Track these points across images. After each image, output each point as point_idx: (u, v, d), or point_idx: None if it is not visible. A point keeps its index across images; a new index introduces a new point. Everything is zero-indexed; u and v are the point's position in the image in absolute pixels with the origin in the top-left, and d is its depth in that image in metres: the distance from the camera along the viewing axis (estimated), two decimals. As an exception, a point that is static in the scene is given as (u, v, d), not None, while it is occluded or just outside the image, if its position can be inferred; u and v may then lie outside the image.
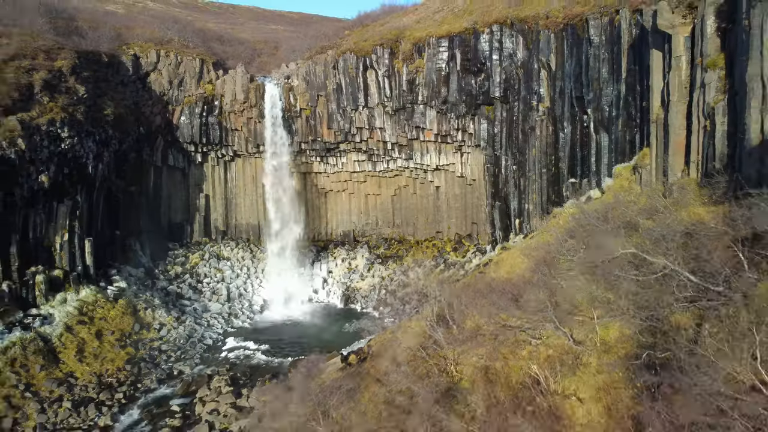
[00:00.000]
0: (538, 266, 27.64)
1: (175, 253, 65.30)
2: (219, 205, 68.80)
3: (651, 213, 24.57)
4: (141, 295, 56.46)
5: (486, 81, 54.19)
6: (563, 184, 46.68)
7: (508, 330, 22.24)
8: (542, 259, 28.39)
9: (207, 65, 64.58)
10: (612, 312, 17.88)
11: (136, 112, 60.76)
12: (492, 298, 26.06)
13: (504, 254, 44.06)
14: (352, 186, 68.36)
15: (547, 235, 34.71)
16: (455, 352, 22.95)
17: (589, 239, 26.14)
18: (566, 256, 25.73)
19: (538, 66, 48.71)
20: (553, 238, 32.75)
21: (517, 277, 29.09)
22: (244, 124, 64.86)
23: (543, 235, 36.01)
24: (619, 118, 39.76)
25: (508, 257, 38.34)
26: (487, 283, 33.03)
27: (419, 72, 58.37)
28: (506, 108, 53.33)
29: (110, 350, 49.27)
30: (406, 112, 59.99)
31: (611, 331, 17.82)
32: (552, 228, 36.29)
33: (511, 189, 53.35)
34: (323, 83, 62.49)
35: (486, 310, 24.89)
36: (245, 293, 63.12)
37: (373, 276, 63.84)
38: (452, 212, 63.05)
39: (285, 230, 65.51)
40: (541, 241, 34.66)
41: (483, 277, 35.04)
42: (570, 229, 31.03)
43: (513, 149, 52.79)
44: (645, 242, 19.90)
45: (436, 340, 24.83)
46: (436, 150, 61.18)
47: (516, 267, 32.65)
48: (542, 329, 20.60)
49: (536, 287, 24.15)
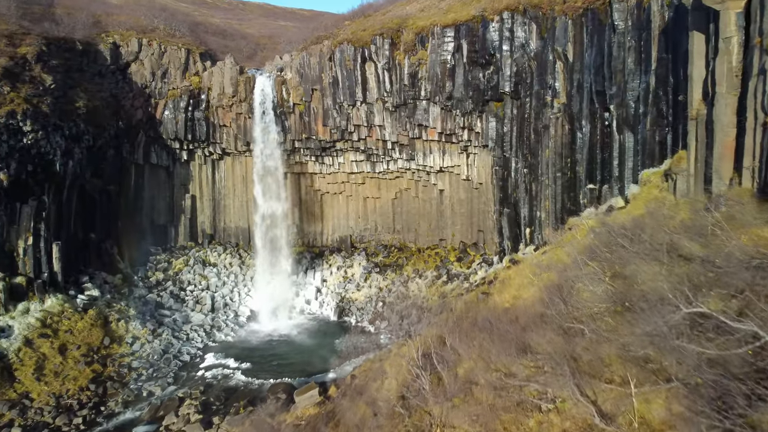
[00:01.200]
0: (551, 294, 22.38)
1: (158, 258, 60.57)
2: (206, 207, 63.99)
3: (696, 233, 19.23)
4: (115, 304, 51.69)
5: (495, 74, 48.90)
6: (580, 190, 41.29)
7: (512, 383, 17.01)
8: (556, 286, 23.11)
9: (193, 55, 59.75)
10: (656, 380, 12.68)
11: (115, 105, 56.01)
12: (493, 335, 20.87)
13: (512, 270, 38.82)
14: (349, 188, 63.28)
15: (561, 253, 29.41)
16: (442, 409, 17.75)
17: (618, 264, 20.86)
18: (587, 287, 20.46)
19: (553, 57, 43.34)
20: (570, 257, 27.46)
21: (525, 305, 23.86)
22: (233, 119, 59.99)
23: (557, 251, 30.70)
24: (647, 115, 34.30)
25: (516, 275, 33.06)
26: (489, 308, 27.80)
27: (422, 64, 53.17)
28: (517, 104, 48.00)
29: (74, 367, 44.48)
30: (407, 108, 54.84)
31: (654, 406, 12.58)
32: (568, 243, 31.00)
33: (522, 194, 48.00)
34: (318, 76, 57.46)
35: (485, 352, 19.68)
36: (231, 303, 58.20)
37: (370, 286, 58.71)
38: (457, 218, 57.75)
39: (276, 235, 60.51)
40: (555, 258, 29.37)
41: (485, 300, 29.79)
42: (590, 247, 25.71)
43: (524, 150, 47.44)
44: (698, 276, 14.65)
45: (420, 389, 19.66)
46: (439, 150, 55.95)
47: (524, 291, 27.38)
48: (556, 389, 15.36)
49: (548, 326, 18.91)
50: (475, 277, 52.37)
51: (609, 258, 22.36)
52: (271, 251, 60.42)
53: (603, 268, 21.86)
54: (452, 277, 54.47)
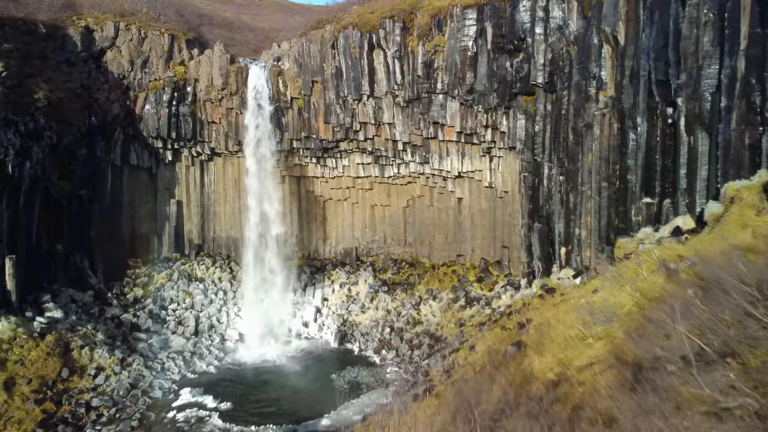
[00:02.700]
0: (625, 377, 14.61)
1: (137, 272, 53.53)
2: (194, 214, 56.84)
3: None
4: (80, 328, 44.59)
5: (525, 63, 41.08)
6: (632, 205, 33.30)
7: None
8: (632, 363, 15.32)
9: (179, 42, 52.56)
10: None
11: (87, 97, 49.03)
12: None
13: (546, 303, 31.02)
14: (355, 194, 55.74)
15: (623, 295, 21.51)
16: None
17: (742, 340, 13.07)
18: (690, 373, 12.73)
19: (598, 40, 35.42)
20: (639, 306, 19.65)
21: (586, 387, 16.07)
22: (223, 115, 52.75)
23: (615, 291, 22.78)
24: (732, 110, 26.29)
25: (556, 318, 25.23)
26: (526, 375, 20.01)
27: (439, 52, 45.49)
28: (552, 98, 40.11)
29: (20, 406, 37.44)
30: (421, 103, 47.21)
31: None
32: (629, 279, 23.13)
33: (556, 207, 40.08)
34: (319, 66, 49.98)
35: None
36: (218, 325, 50.91)
37: (376, 308, 51.08)
38: (477, 231, 49.90)
39: (271, 247, 53.15)
40: (614, 303, 21.47)
41: (519, 358, 21.95)
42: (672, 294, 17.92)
43: (560, 154, 39.54)
44: None
45: None
46: (458, 152, 48.19)
47: (575, 352, 19.58)
48: None
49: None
50: (499, 303, 44.56)
51: (715, 324, 14.55)
52: (265, 265, 53.09)
53: (710, 341, 14.06)
54: (471, 301, 46.67)
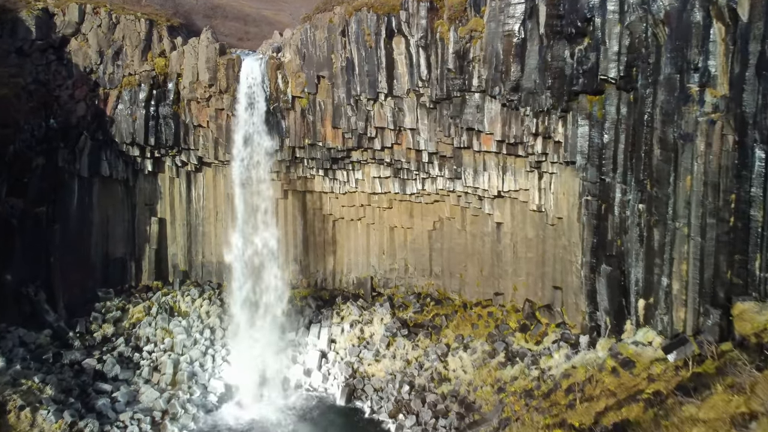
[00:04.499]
0: None
1: (108, 305, 44.68)
2: (179, 235, 47.80)
3: None
4: (24, 380, 35.59)
5: (591, 51, 30.89)
6: (760, 253, 22.95)
7: None
8: None
9: (159, 29, 43.47)
10: None
11: (44, 95, 40.37)
12: None
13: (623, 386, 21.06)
14: (370, 213, 46.04)
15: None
16: None
17: None
18: None
19: (705, 16, 25.12)
20: None
21: None
22: (212, 117, 43.59)
23: None
24: None
25: None
26: None
27: (475, 39, 35.57)
28: (629, 98, 29.86)
29: (-75, 497, 28.92)
30: (452, 104, 37.36)
31: None
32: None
33: (633, 245, 29.81)
34: (326, 58, 40.45)
35: None
36: (201, 373, 41.71)
37: (393, 356, 41.36)
38: (521, 265, 39.74)
39: (267, 275, 43.80)
40: None
41: None
42: None
43: (640, 174, 29.27)
44: None
45: None
46: (498, 166, 38.17)
47: None
48: None
49: None
50: (549, 362, 34.38)
51: None
52: (260, 298, 43.79)
53: None
54: (514, 357, 36.56)
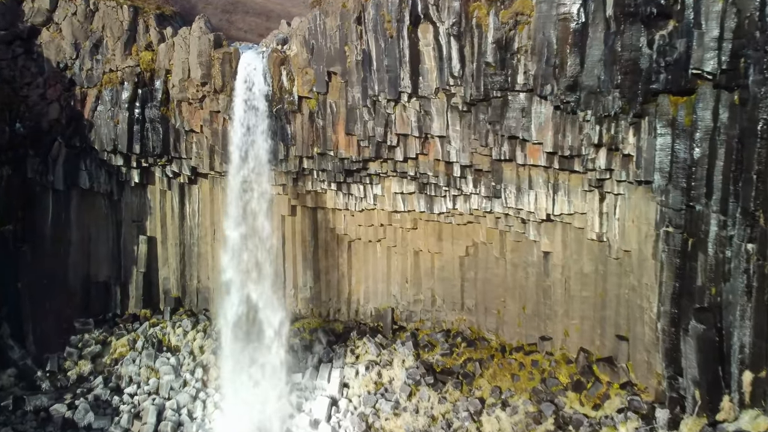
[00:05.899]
0: None
1: (86, 338, 38.75)
2: (171, 256, 41.58)
3: None
4: (-28, 436, 30.11)
5: (679, 38, 23.43)
6: None
7: None
8: None
9: (146, 18, 37.24)
10: None
11: (9, 94, 34.64)
12: None
13: None
14: (392, 234, 39.02)
15: None
16: None
17: None
18: None
19: None
20: None
21: None
22: (206, 121, 37.23)
23: None
24: None
25: None
26: None
27: (521, 24, 28.37)
28: (731, 100, 22.33)
29: None
30: (491, 107, 30.17)
31: None
32: None
33: (737, 296, 22.24)
34: (339, 51, 33.63)
35: None
36: (188, 423, 35.37)
37: (416, 410, 34.32)
38: (575, 305, 32.24)
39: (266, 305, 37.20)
40: None
41: None
42: None
43: (747, 201, 21.73)
44: None
45: None
46: (547, 183, 30.82)
47: None
48: None
49: None
50: (614, 436, 26.92)
51: None
52: (259, 332, 37.27)
53: None
54: (566, 424, 29.16)
